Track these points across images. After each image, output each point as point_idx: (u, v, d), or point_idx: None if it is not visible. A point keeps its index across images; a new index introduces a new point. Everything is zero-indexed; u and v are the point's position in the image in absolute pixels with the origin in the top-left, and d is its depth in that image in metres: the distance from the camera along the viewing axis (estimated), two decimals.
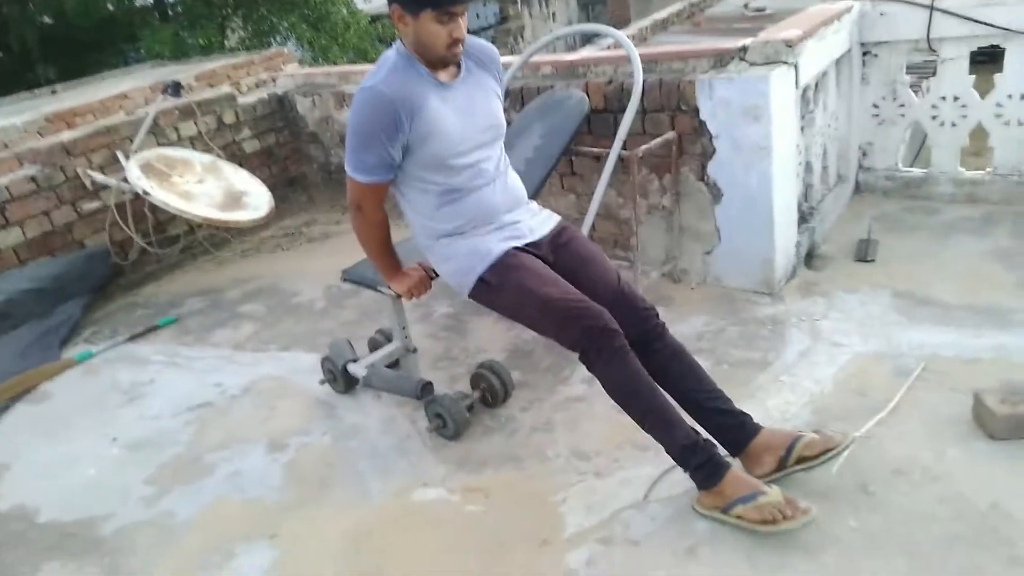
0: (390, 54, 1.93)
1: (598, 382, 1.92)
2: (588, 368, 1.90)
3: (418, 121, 1.87)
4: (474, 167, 1.99)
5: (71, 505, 2.39)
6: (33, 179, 3.72)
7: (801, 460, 1.86)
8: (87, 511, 2.34)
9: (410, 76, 1.88)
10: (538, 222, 2.11)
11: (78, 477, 2.53)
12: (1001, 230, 3.10)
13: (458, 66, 1.97)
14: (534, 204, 2.19)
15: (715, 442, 1.88)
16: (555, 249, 2.07)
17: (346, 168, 1.96)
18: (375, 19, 11.48)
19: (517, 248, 2.00)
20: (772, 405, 2.29)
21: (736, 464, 1.90)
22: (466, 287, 2.04)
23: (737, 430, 1.91)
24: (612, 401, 1.92)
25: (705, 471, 1.82)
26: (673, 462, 1.94)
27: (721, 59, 2.83)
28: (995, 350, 2.37)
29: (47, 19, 10.14)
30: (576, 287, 1.94)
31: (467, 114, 1.96)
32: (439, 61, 1.90)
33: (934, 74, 3.39)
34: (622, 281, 2.02)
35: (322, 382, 2.76)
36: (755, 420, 1.94)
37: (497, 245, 1.99)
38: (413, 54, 1.89)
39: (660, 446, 1.89)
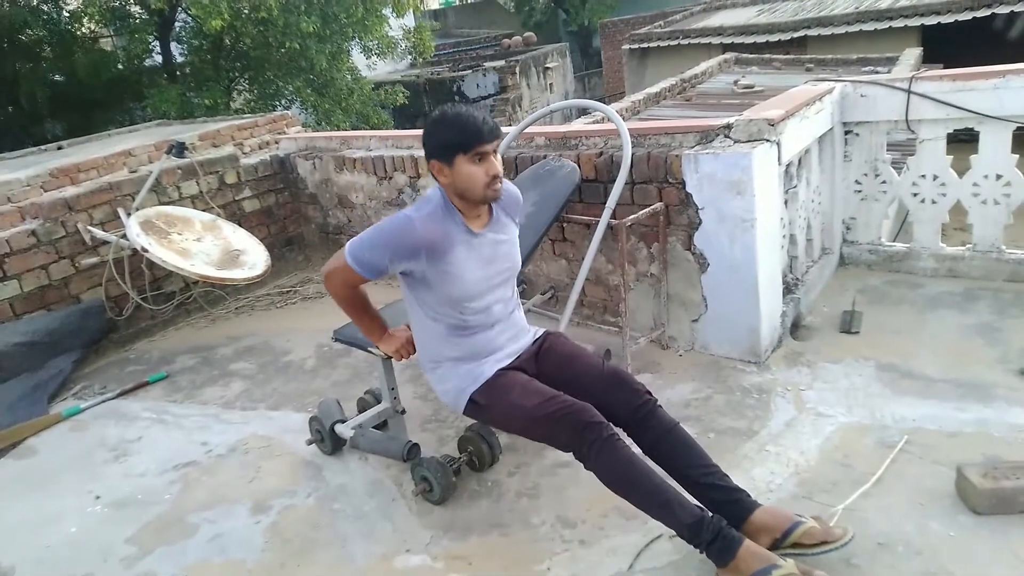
0: (435, 195, 2.04)
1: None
2: (585, 465, 1.93)
3: (440, 263, 1.98)
4: (486, 310, 2.10)
5: (50, 564, 2.36)
6: (33, 233, 3.78)
7: (796, 546, 1.84)
8: (66, 570, 2.31)
9: (446, 223, 1.99)
10: (523, 337, 2.22)
11: (59, 534, 2.50)
12: (982, 305, 3.17)
13: (490, 213, 2.09)
14: (530, 330, 2.28)
15: (721, 516, 1.85)
16: (539, 357, 2.19)
17: (346, 246, 2.03)
18: (378, 86, 11.82)
19: (504, 368, 2.11)
20: (758, 475, 2.29)
21: None
22: (460, 405, 2.15)
23: (732, 506, 1.90)
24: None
25: (717, 547, 1.79)
26: (659, 532, 1.95)
27: (706, 135, 2.95)
28: (977, 424, 2.39)
29: (58, 77, 10.40)
30: (565, 384, 2.04)
31: (488, 262, 2.07)
32: (481, 200, 2.00)
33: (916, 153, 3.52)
34: (608, 365, 2.12)
35: (309, 442, 2.76)
36: (750, 496, 1.93)
37: (487, 368, 2.11)
38: (453, 201, 2.01)
39: (647, 516, 1.90)
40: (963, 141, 3.45)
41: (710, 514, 1.83)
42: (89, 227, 3.95)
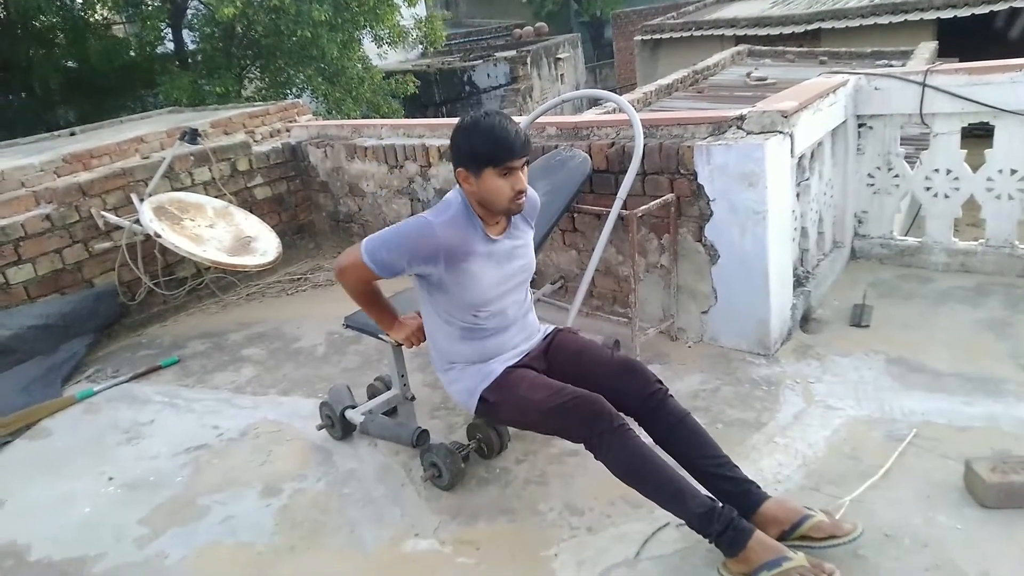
0: (456, 200, 2.03)
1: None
2: (595, 456, 1.93)
3: (458, 268, 1.99)
4: (501, 313, 2.12)
5: (64, 543, 2.39)
6: (48, 218, 3.82)
7: (804, 538, 1.85)
8: (79, 550, 2.35)
9: (466, 228, 2.00)
10: (533, 335, 2.24)
11: (73, 515, 2.54)
12: (994, 300, 3.15)
13: (508, 218, 2.10)
14: (534, 321, 2.30)
15: (732, 507, 1.85)
16: (548, 354, 2.21)
17: (363, 244, 2.03)
18: (389, 75, 11.82)
19: (512, 366, 2.13)
20: (765, 466, 2.30)
21: None
22: (471, 405, 2.17)
23: (741, 498, 1.90)
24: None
25: (727, 538, 1.79)
26: (666, 520, 1.96)
27: (719, 126, 2.94)
28: (986, 419, 2.39)
29: (70, 63, 10.44)
30: (575, 379, 2.05)
31: (504, 267, 2.09)
32: (503, 213, 2.01)
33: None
34: (617, 354, 2.14)
35: (319, 427, 2.78)
36: (760, 487, 1.94)
37: (497, 367, 2.13)
38: (474, 208, 2.02)
39: (654, 504, 1.91)
40: (978, 136, 3.42)
41: (721, 504, 1.83)
42: (103, 212, 3.99)
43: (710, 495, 1.88)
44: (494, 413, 2.17)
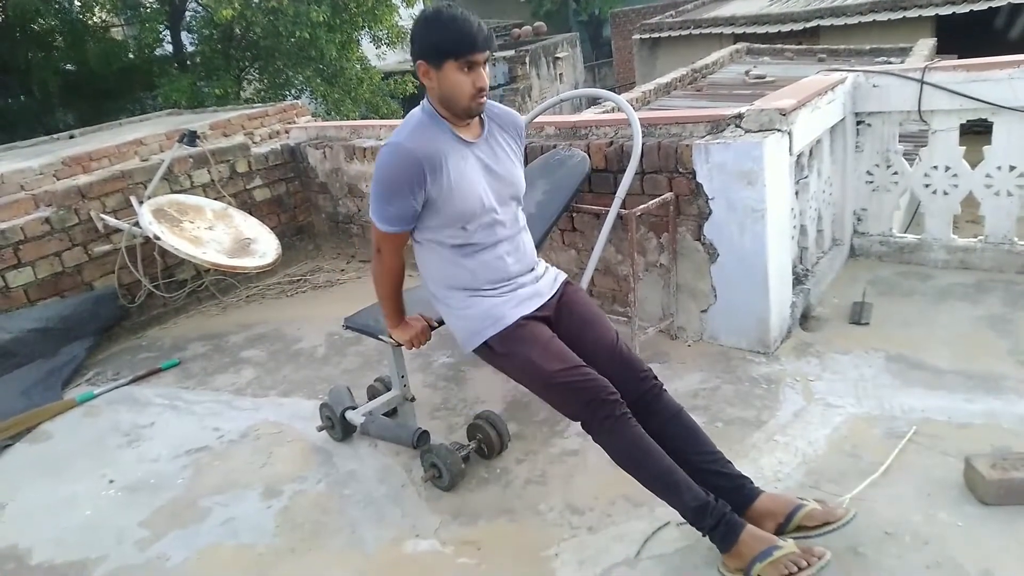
0: (416, 112, 2.00)
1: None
2: (593, 438, 1.93)
3: (440, 176, 1.93)
4: (491, 226, 2.04)
5: (65, 546, 2.39)
6: (47, 221, 3.82)
7: (799, 529, 1.86)
8: (81, 553, 2.35)
9: (434, 133, 1.94)
10: (546, 284, 2.16)
11: (74, 518, 2.54)
12: (993, 297, 3.15)
13: (482, 126, 2.05)
14: (541, 262, 2.25)
15: (725, 501, 1.86)
16: (559, 309, 2.14)
17: (370, 216, 2.02)
18: (388, 76, 11.83)
19: (525, 316, 2.05)
20: (765, 464, 2.30)
21: None
22: (470, 345, 2.10)
23: (735, 493, 1.90)
24: (607, 455, 1.94)
25: (720, 532, 1.81)
26: (667, 519, 1.96)
27: (717, 125, 2.94)
28: (986, 416, 2.39)
29: (69, 66, 10.45)
30: (575, 346, 2.01)
31: (487, 173, 2.02)
32: (464, 112, 1.95)
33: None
34: (620, 343, 2.07)
35: (320, 429, 2.78)
36: (753, 483, 1.95)
37: (508, 312, 2.03)
38: (438, 111, 1.97)
39: (654, 501, 1.91)
40: (977, 133, 3.42)
41: (715, 499, 1.84)
42: (102, 215, 3.99)
43: (705, 490, 1.88)
44: (495, 361, 2.10)
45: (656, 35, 12.71)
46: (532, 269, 2.17)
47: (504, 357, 2.04)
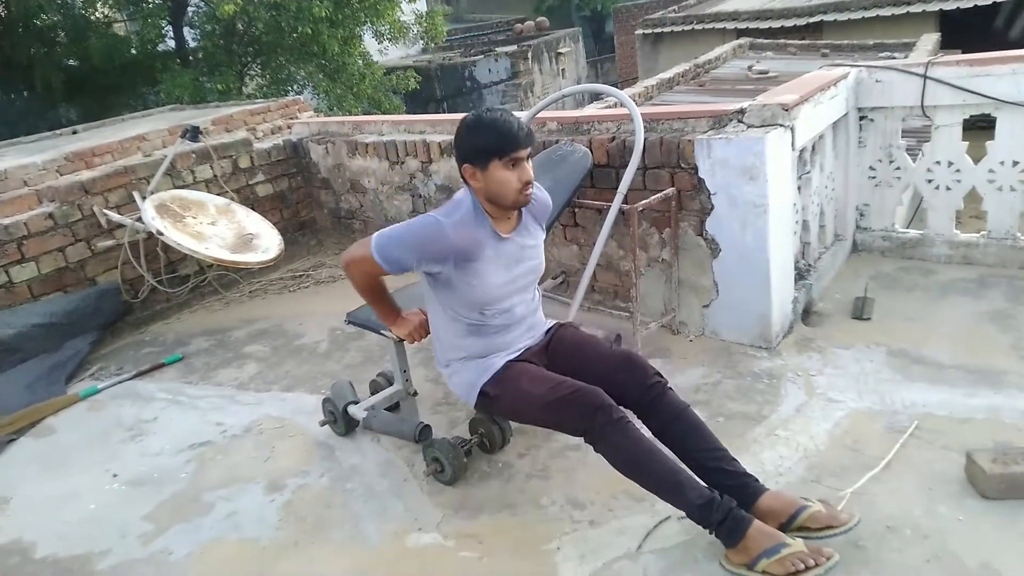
0: (465, 200, 2.03)
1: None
2: (595, 449, 1.94)
3: (467, 267, 2.00)
4: (508, 311, 2.13)
5: (69, 540, 2.41)
6: (50, 216, 3.83)
7: (802, 529, 1.86)
8: (85, 547, 2.36)
9: (477, 228, 2.00)
10: (537, 333, 2.25)
11: (78, 512, 2.55)
12: (996, 292, 3.15)
13: (519, 217, 2.10)
14: (541, 319, 2.30)
15: (731, 498, 1.87)
16: (549, 349, 2.22)
17: (374, 241, 2.02)
18: (390, 71, 11.82)
19: (513, 360, 2.13)
20: (767, 459, 2.31)
21: None
22: (472, 398, 2.18)
23: (739, 491, 1.90)
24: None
25: (726, 528, 1.81)
26: (668, 514, 1.97)
27: (719, 120, 2.94)
28: (988, 410, 2.39)
29: (72, 62, 10.46)
30: (576, 372, 2.06)
31: (513, 267, 2.09)
32: (512, 205, 2.01)
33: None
34: (620, 346, 2.16)
35: (323, 423, 2.79)
36: (758, 480, 1.95)
37: (498, 361, 2.13)
38: (484, 205, 2.02)
39: (656, 496, 1.92)
40: (981, 128, 3.41)
41: (719, 495, 1.84)
42: (105, 210, 4.00)
43: (708, 486, 1.89)
44: (494, 407, 2.18)
45: (659, 30, 12.70)
46: (538, 336, 2.24)
47: (500, 398, 2.12)
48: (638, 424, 1.97)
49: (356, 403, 2.69)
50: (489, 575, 2.01)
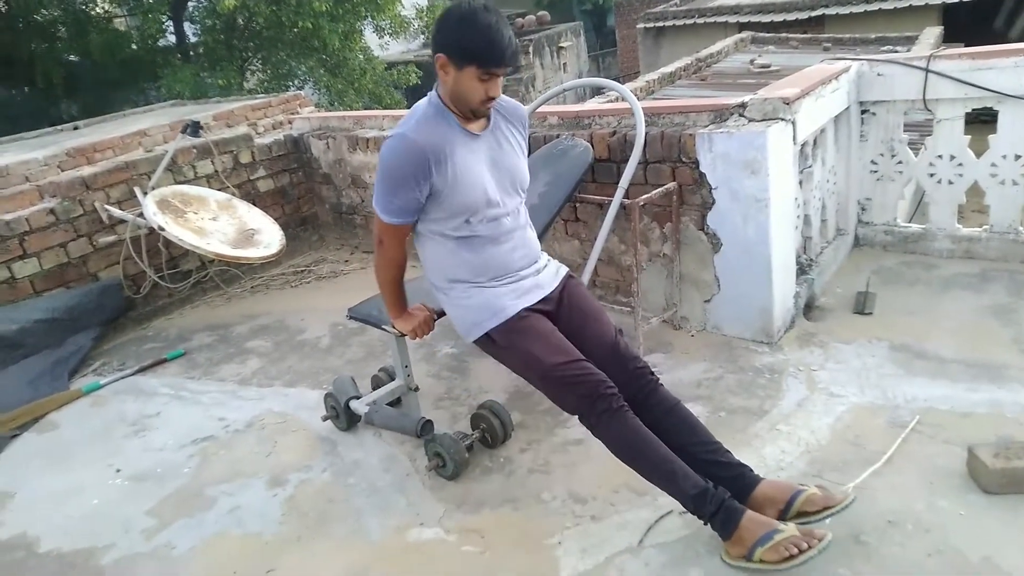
0: (422, 103, 2.00)
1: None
2: (592, 431, 1.95)
3: (445, 168, 1.94)
4: (495, 219, 2.05)
5: (72, 535, 2.42)
6: (52, 212, 3.83)
7: (800, 515, 1.87)
8: (88, 541, 2.37)
9: (440, 125, 1.95)
10: (547, 277, 2.18)
11: (81, 507, 2.56)
12: (998, 286, 3.15)
13: (488, 118, 2.05)
14: (543, 255, 2.25)
15: (725, 488, 1.87)
16: (560, 303, 2.15)
17: (374, 207, 2.03)
18: (391, 66, 11.80)
19: (527, 308, 2.06)
20: (768, 453, 2.31)
21: None
22: (472, 335, 2.11)
23: (735, 482, 1.91)
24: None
25: (720, 519, 1.82)
26: (669, 508, 1.97)
27: (721, 114, 2.93)
28: (990, 405, 2.39)
29: (72, 57, 10.45)
30: (575, 342, 2.02)
31: (492, 165, 2.03)
32: (469, 114, 1.97)
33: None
34: (618, 338, 2.09)
35: (325, 418, 2.80)
36: (753, 471, 1.96)
37: (510, 303, 2.05)
38: (445, 102, 1.97)
39: (657, 490, 1.93)
40: (984, 121, 3.40)
41: (714, 487, 1.85)
42: (106, 206, 4.00)
43: (704, 478, 1.89)
44: (495, 352, 2.12)
45: (660, 24, 12.66)
46: (535, 262, 2.17)
47: (505, 349, 2.06)
48: None
49: (358, 398, 2.70)
50: (491, 570, 2.01)
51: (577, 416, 1.96)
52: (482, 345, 2.13)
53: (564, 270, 2.24)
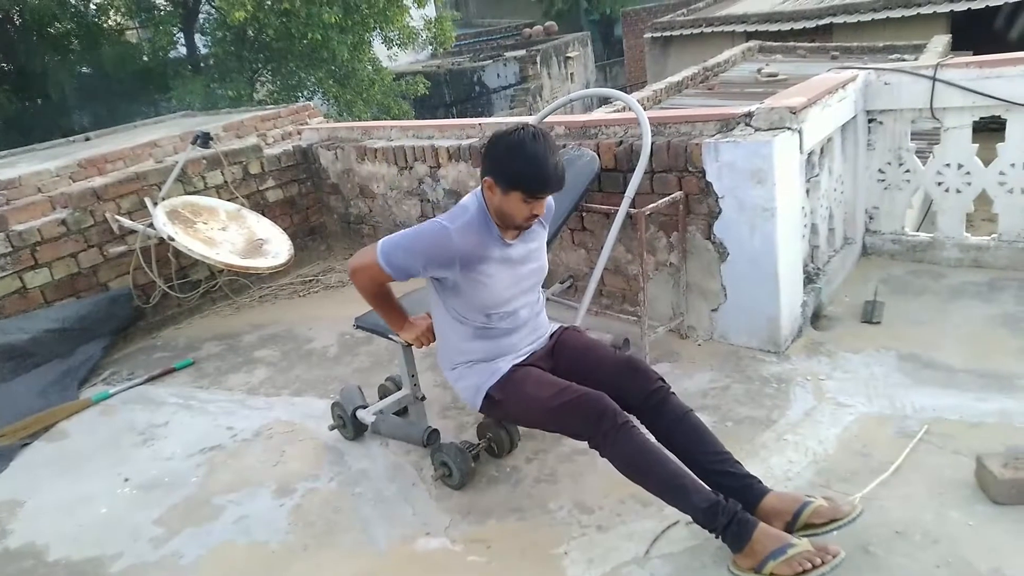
0: (472, 204, 2.05)
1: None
2: (600, 453, 1.96)
3: (473, 272, 2.02)
4: (513, 314, 2.14)
5: (81, 543, 2.43)
6: (63, 222, 3.87)
7: (808, 527, 1.86)
8: (97, 550, 2.38)
9: (481, 232, 2.02)
10: (543, 339, 2.26)
11: (90, 516, 2.58)
12: (1007, 295, 3.13)
13: None
14: (551, 326, 2.32)
15: (736, 501, 1.87)
16: (554, 353, 2.24)
17: (379, 248, 2.04)
18: (399, 76, 11.87)
19: (519, 364, 2.15)
20: (775, 463, 2.30)
21: None
22: (476, 402, 2.19)
23: (743, 493, 1.91)
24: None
25: (732, 531, 1.81)
26: (675, 518, 1.97)
27: (727, 124, 2.93)
28: (999, 415, 2.37)
29: (85, 69, 10.57)
30: (580, 377, 2.07)
31: (517, 270, 2.11)
32: (512, 228, 2.04)
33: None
34: (624, 352, 2.15)
35: (331, 428, 2.80)
36: (761, 482, 1.95)
37: (504, 365, 2.15)
38: (490, 213, 2.03)
39: (663, 502, 1.92)
40: (992, 130, 3.39)
41: (725, 499, 1.84)
42: (117, 216, 4.03)
43: (714, 490, 1.89)
44: (500, 410, 2.19)
45: (668, 34, 12.68)
46: (541, 337, 2.26)
47: (505, 403, 2.13)
48: (642, 429, 1.97)
49: (365, 407, 2.70)
50: None
51: (587, 442, 1.97)
52: (488, 410, 2.21)
53: (557, 325, 2.32)
